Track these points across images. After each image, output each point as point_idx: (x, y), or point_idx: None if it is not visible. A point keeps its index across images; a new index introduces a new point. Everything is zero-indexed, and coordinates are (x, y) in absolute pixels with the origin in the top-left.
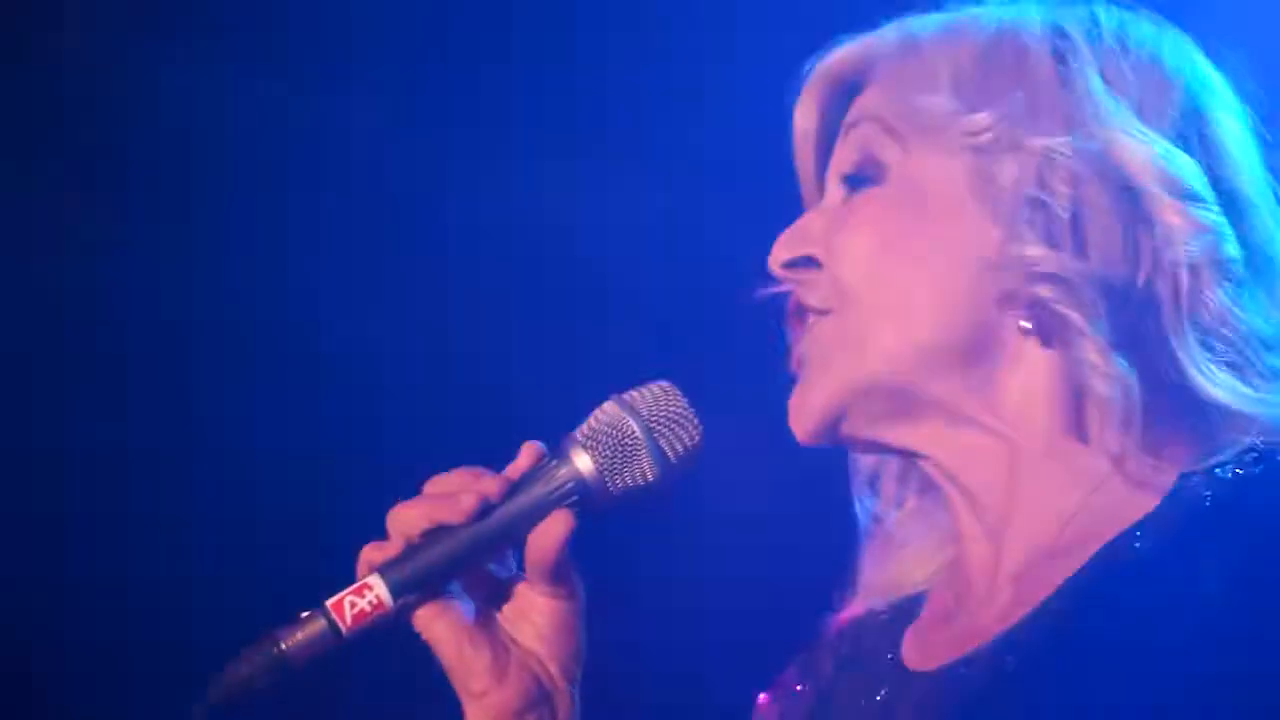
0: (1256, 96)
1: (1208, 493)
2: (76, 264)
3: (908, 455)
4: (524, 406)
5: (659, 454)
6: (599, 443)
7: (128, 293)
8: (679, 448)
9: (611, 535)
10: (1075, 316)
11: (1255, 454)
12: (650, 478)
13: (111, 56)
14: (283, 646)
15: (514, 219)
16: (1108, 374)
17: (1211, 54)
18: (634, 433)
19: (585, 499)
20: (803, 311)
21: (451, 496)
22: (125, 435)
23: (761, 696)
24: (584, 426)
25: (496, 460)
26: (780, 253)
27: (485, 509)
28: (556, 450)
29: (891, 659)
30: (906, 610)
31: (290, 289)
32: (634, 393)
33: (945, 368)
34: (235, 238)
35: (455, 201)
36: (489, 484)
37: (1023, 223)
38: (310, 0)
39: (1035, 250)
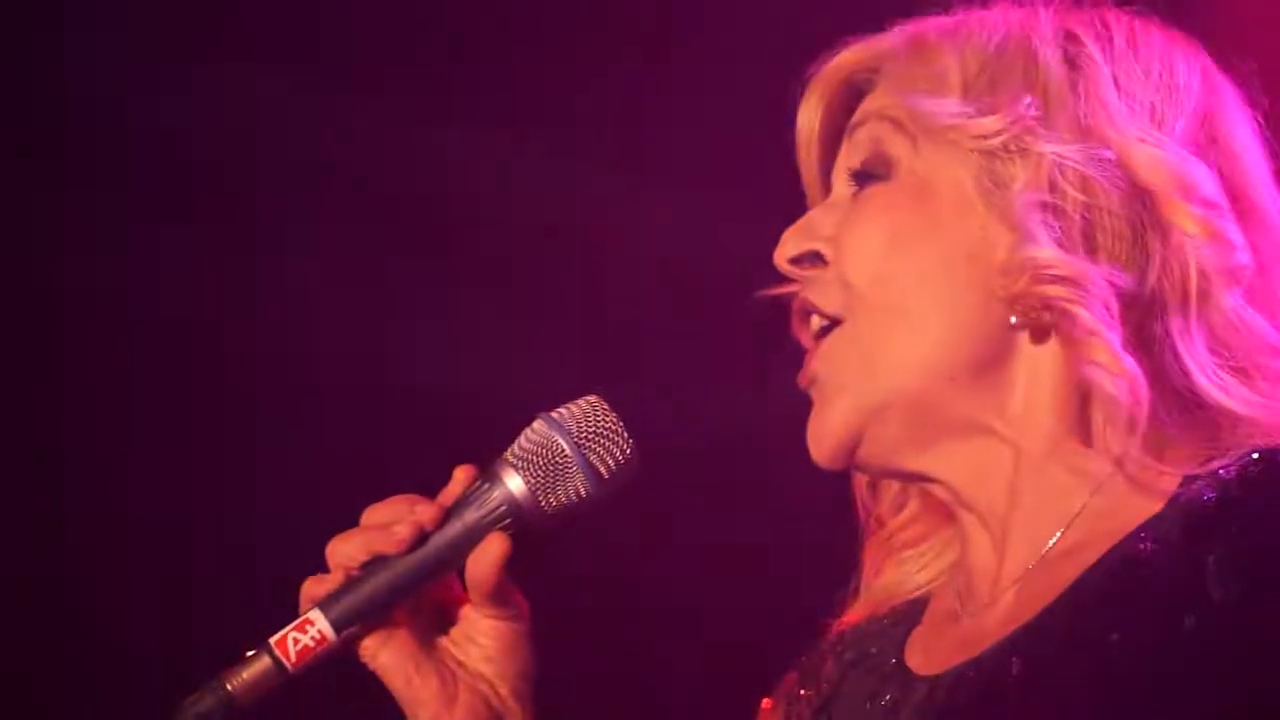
0: (1263, 102)
1: (1211, 495)
2: (75, 263)
3: (921, 481)
4: (472, 421)
5: (590, 470)
6: (530, 463)
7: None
8: (610, 462)
9: (611, 540)
10: (1086, 317)
11: (1257, 455)
12: (584, 494)
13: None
14: (229, 687)
15: (468, 221)
16: (1117, 375)
17: (1219, 58)
18: (563, 451)
19: (520, 520)
20: (808, 312)
21: (387, 527)
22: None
23: (765, 701)
24: (514, 447)
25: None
26: (787, 248)
27: (422, 537)
28: (488, 473)
29: (896, 662)
30: (909, 613)
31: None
32: (562, 410)
33: (959, 374)
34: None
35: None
36: (424, 512)
37: (1034, 226)
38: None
39: (1047, 253)
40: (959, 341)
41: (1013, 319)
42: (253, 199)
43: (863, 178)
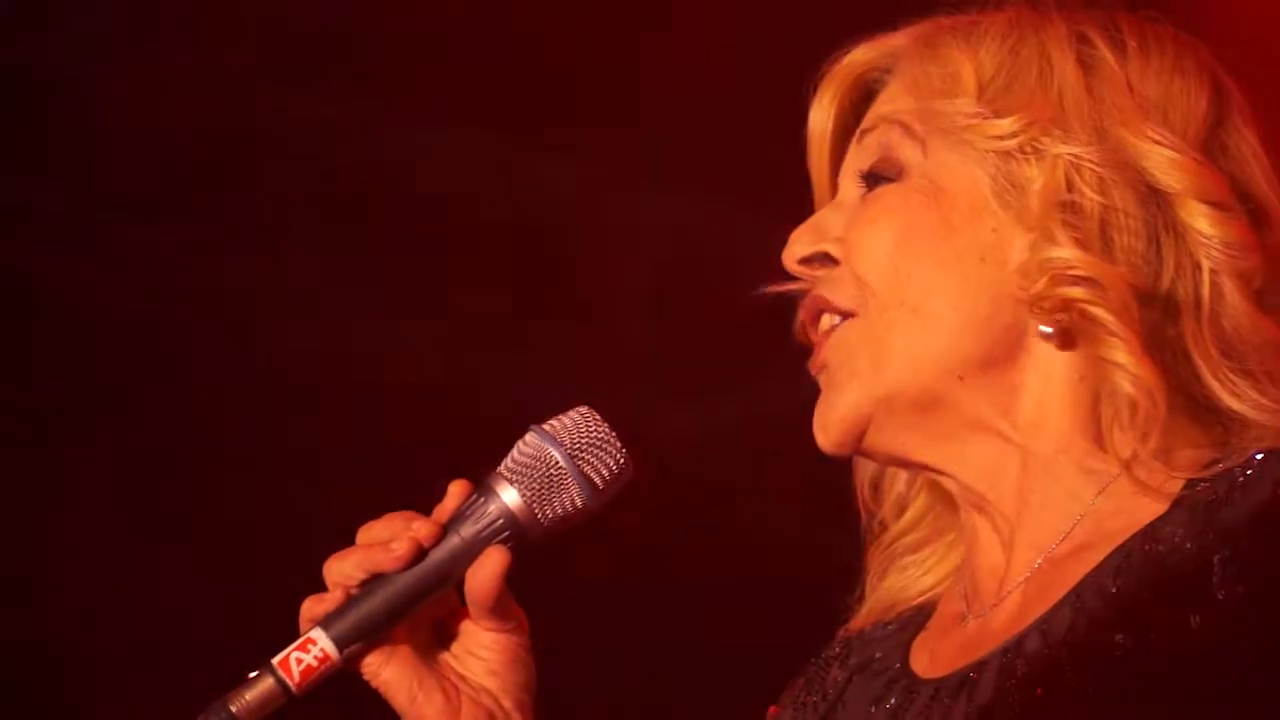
0: (1267, 105)
1: (1216, 497)
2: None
3: (931, 472)
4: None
5: (584, 481)
6: (524, 475)
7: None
8: (604, 472)
9: (616, 550)
10: (1108, 319)
11: (1261, 457)
12: (579, 505)
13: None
14: (233, 710)
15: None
16: (1137, 376)
17: (1225, 61)
18: (557, 462)
19: (517, 532)
20: (819, 311)
21: (385, 544)
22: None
23: (771, 709)
24: (507, 460)
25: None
26: (796, 249)
27: (420, 553)
28: (483, 487)
29: (901, 667)
30: (915, 618)
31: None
32: (553, 421)
33: (968, 373)
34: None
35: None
36: (421, 528)
37: (1054, 226)
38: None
39: (1068, 253)
40: (969, 342)
41: (1052, 328)
42: (250, 199)
43: (872, 179)
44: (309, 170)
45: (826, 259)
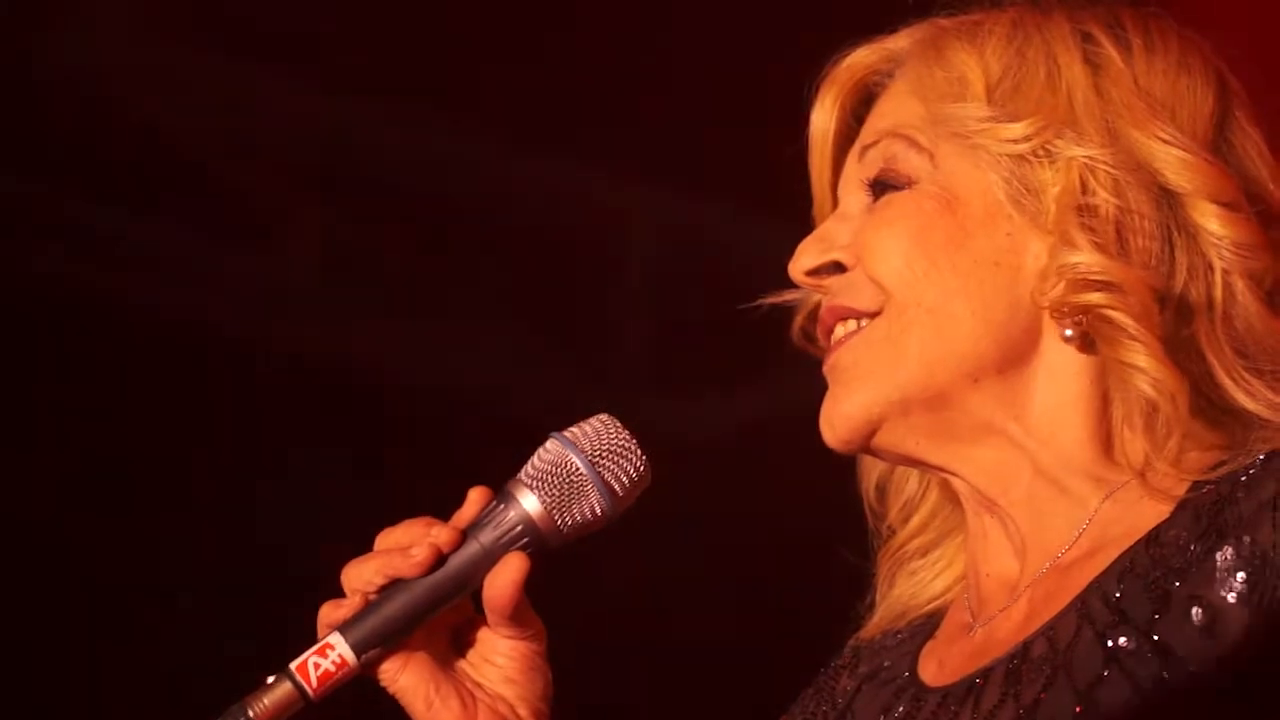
0: (1267, 102)
1: (1221, 496)
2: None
3: (944, 473)
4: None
5: (605, 487)
6: (544, 482)
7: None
8: (624, 479)
9: (625, 556)
10: (1129, 322)
11: (1264, 458)
12: (599, 512)
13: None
14: (251, 714)
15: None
16: (1160, 380)
17: (1227, 58)
18: (578, 469)
19: (537, 539)
20: (835, 320)
21: (404, 550)
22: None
23: (781, 719)
24: (528, 467)
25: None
26: (804, 260)
27: (439, 559)
28: (503, 494)
29: (909, 675)
30: (925, 627)
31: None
32: (574, 429)
33: (983, 376)
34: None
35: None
36: (441, 534)
37: (1073, 230)
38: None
39: (1088, 257)
40: (986, 345)
41: (1071, 332)
42: (250, 199)
43: (879, 187)
44: (309, 170)
45: (836, 268)
